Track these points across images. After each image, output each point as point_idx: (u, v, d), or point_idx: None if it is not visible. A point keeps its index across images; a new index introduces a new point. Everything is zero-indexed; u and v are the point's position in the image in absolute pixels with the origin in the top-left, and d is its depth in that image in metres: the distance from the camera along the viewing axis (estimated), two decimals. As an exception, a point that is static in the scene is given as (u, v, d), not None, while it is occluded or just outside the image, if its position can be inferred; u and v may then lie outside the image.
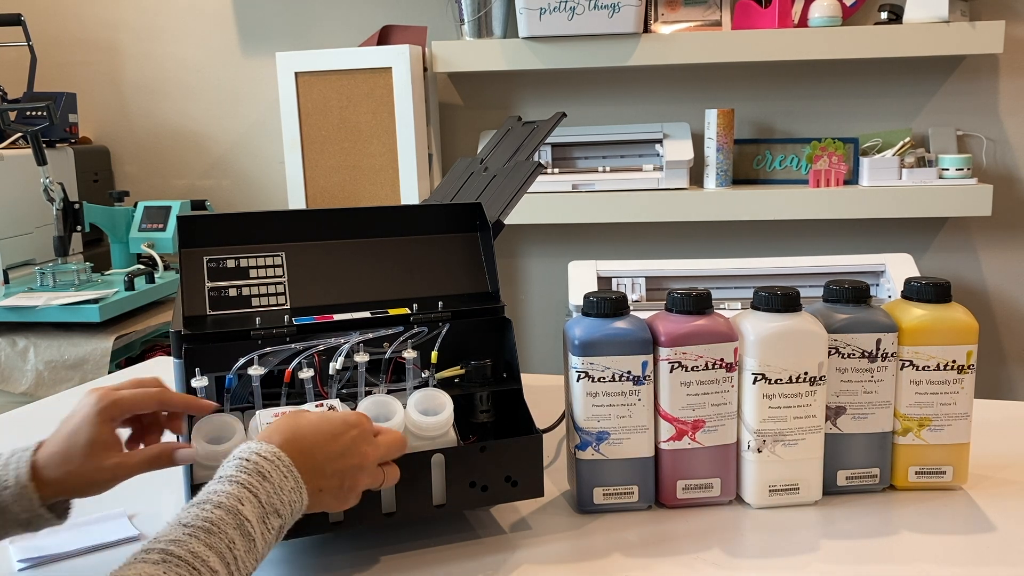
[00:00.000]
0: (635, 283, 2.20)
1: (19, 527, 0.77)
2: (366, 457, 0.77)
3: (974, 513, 0.95)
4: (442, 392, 0.90)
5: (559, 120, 1.17)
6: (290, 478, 0.72)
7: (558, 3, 2.29)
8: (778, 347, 0.93)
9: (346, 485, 0.77)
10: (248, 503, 0.68)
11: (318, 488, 0.75)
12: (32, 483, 0.76)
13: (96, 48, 2.86)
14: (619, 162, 2.49)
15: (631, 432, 0.94)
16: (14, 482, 0.76)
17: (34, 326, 2.18)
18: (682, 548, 0.88)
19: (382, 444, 0.80)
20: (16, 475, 0.76)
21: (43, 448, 0.78)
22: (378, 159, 2.45)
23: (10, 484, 0.76)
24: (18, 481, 0.76)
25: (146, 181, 2.92)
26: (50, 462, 0.77)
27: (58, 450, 0.77)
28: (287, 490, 0.71)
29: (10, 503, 0.76)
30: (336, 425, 0.77)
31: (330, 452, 0.75)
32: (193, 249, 0.94)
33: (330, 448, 0.75)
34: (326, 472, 0.75)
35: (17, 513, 0.76)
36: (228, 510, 0.67)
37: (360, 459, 0.77)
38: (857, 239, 2.55)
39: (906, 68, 2.47)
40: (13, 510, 0.76)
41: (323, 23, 2.72)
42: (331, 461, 0.75)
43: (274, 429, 0.75)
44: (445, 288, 0.99)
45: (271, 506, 0.69)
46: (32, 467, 0.77)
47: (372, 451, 0.78)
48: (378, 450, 0.79)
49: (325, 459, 0.75)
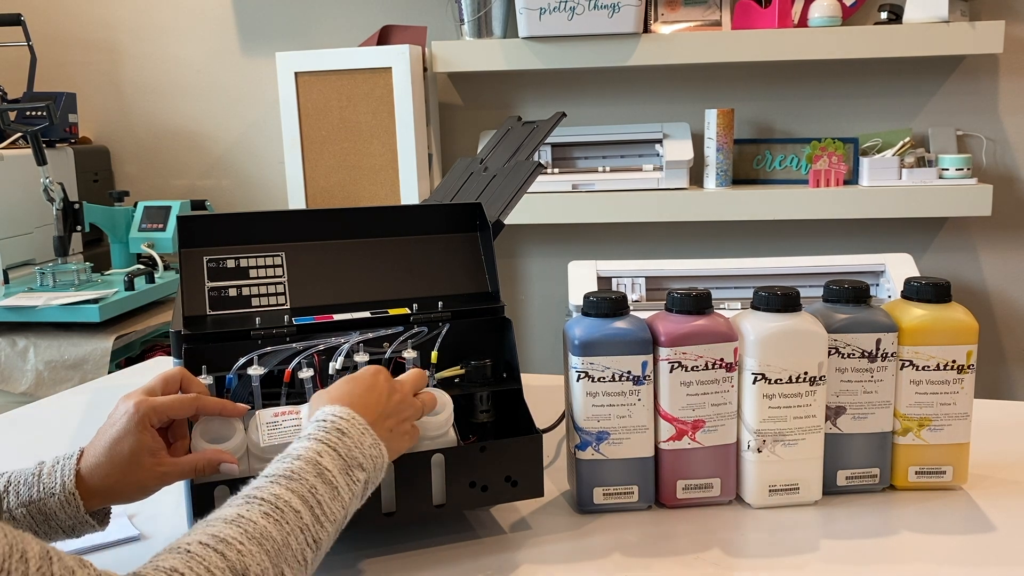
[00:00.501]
0: (635, 283, 2.20)
1: (63, 534, 0.78)
2: (404, 391, 0.82)
3: (974, 513, 0.95)
4: (442, 392, 0.90)
5: (559, 120, 1.17)
6: (367, 435, 0.75)
7: (558, 3, 2.29)
8: (778, 347, 0.93)
9: (404, 417, 0.81)
10: (327, 456, 0.71)
11: (389, 429, 0.79)
12: (78, 490, 0.77)
13: (96, 48, 2.86)
14: (619, 162, 2.49)
15: (631, 432, 0.94)
16: (60, 489, 0.76)
17: (34, 326, 2.18)
18: (682, 548, 0.88)
19: (408, 379, 0.84)
20: (62, 482, 0.77)
21: (85, 457, 0.78)
22: (378, 159, 2.45)
23: (56, 491, 0.76)
24: (64, 488, 0.76)
25: (146, 181, 2.92)
26: (95, 472, 0.77)
27: (102, 461, 0.77)
28: (367, 445, 0.74)
29: (56, 510, 0.76)
30: (368, 377, 0.81)
31: (379, 397, 0.79)
32: (193, 249, 0.94)
33: (377, 395, 0.79)
34: (387, 414, 0.79)
35: (63, 520, 0.77)
36: (307, 460, 0.70)
37: (400, 394, 0.81)
38: (857, 239, 2.55)
39: (906, 68, 2.47)
40: (59, 517, 0.76)
41: (323, 23, 2.72)
42: (383, 404, 0.79)
43: (330, 398, 0.78)
44: (445, 288, 0.99)
45: (353, 459, 0.72)
46: (77, 475, 0.77)
47: (404, 386, 0.83)
48: (406, 384, 0.83)
49: (379, 404, 0.79)
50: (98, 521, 0.80)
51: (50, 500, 0.76)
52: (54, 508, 0.76)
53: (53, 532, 0.77)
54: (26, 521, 0.76)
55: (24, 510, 0.76)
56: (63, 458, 0.79)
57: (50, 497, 0.76)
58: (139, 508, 0.99)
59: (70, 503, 0.76)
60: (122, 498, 0.79)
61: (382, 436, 0.77)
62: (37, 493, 0.76)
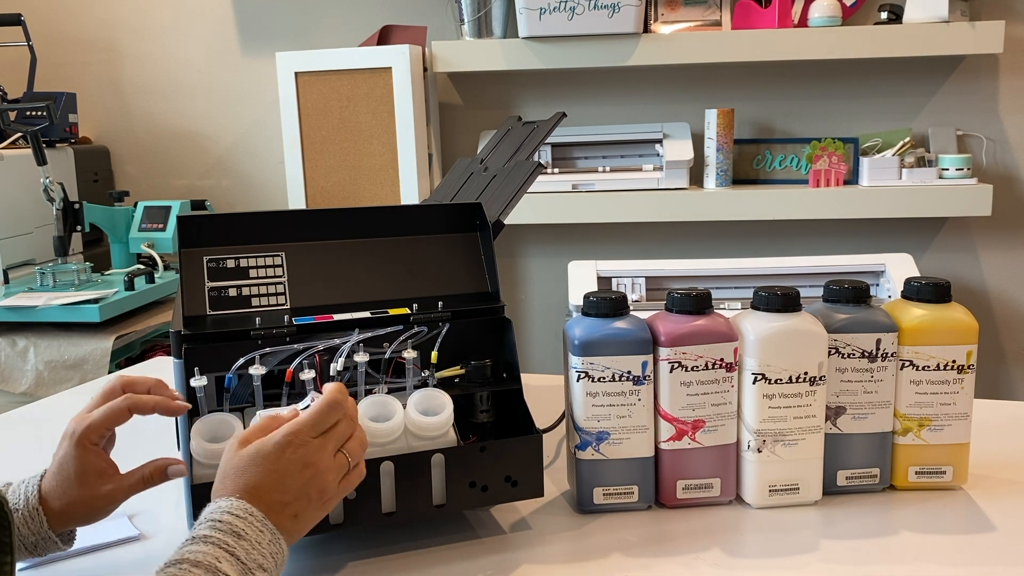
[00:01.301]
0: (635, 283, 2.20)
1: (26, 551, 0.79)
2: (317, 461, 0.74)
3: (974, 513, 0.95)
4: (442, 392, 0.90)
5: (559, 120, 1.17)
6: (266, 531, 0.70)
7: (558, 3, 2.29)
8: (778, 347, 0.93)
9: (312, 494, 0.74)
10: (226, 562, 0.66)
11: (292, 515, 0.73)
12: (41, 507, 0.78)
13: (96, 48, 2.86)
14: (619, 162, 2.49)
15: (631, 432, 0.94)
16: (24, 505, 0.78)
17: (34, 326, 2.18)
18: (682, 548, 0.88)
19: (331, 438, 0.76)
20: (26, 499, 0.78)
21: (47, 478, 0.81)
22: (378, 159, 2.45)
23: (20, 507, 0.78)
24: (28, 504, 0.78)
25: (146, 181, 2.92)
26: (52, 493, 0.79)
27: (55, 483, 0.80)
28: (266, 543, 0.70)
29: (20, 526, 0.77)
30: (272, 450, 0.73)
31: (281, 479, 0.73)
32: (193, 249, 0.94)
33: (278, 477, 0.73)
34: (289, 499, 0.73)
35: (26, 536, 0.78)
36: (207, 568, 0.65)
37: (312, 466, 0.74)
38: (857, 239, 2.55)
39: (906, 68, 2.47)
40: (23, 532, 0.77)
41: (323, 23, 2.72)
42: (288, 486, 0.73)
43: (224, 477, 0.73)
44: (445, 288, 0.99)
45: (253, 562, 0.68)
46: (39, 492, 0.79)
47: (320, 454, 0.75)
48: (323, 448, 0.75)
49: (283, 489, 0.73)
50: (62, 540, 0.81)
51: (14, 516, 0.77)
52: (18, 523, 0.77)
53: (17, 549, 0.77)
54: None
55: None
56: (29, 477, 0.81)
57: (13, 513, 0.77)
58: (139, 508, 0.99)
59: (33, 519, 0.77)
60: (80, 519, 0.81)
61: (284, 526, 0.72)
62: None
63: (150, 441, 1.20)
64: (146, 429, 1.21)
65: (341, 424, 0.77)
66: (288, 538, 0.73)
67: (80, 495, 0.79)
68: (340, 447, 0.77)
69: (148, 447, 1.18)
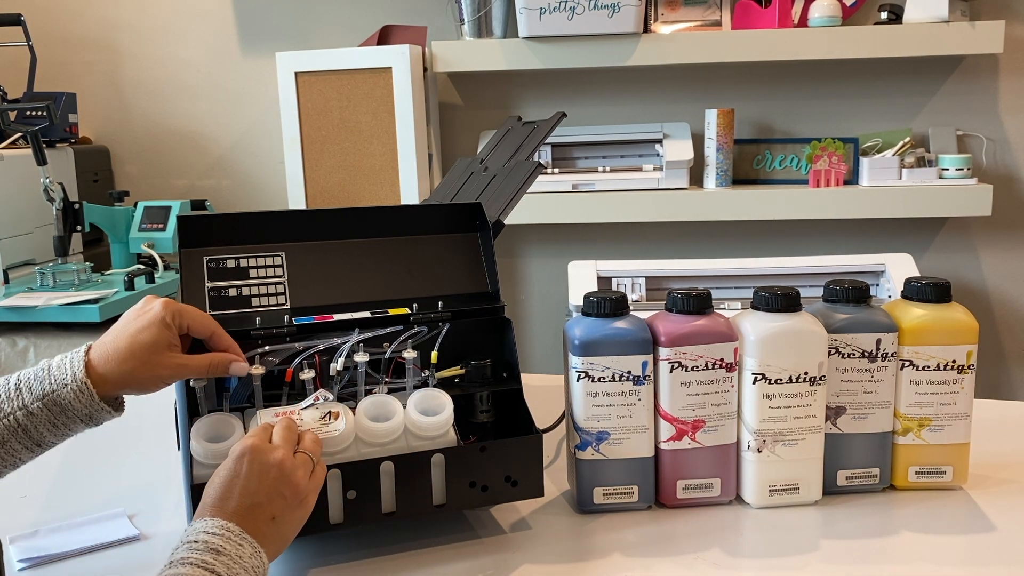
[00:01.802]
0: (635, 283, 2.20)
1: (81, 423, 0.80)
2: (280, 464, 0.76)
3: (974, 513, 0.95)
4: (442, 392, 0.90)
5: (559, 120, 1.17)
6: (246, 544, 0.70)
7: (558, 3, 2.29)
8: (778, 347, 0.93)
9: (286, 493, 0.75)
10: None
11: (270, 518, 0.74)
12: (88, 379, 0.79)
13: (96, 48, 2.86)
14: (619, 162, 2.49)
15: (631, 432, 0.94)
16: (71, 379, 0.79)
17: (34, 326, 2.18)
18: (682, 548, 0.88)
19: (281, 442, 0.78)
20: (73, 373, 0.79)
21: (97, 348, 0.81)
22: (378, 159, 2.45)
23: (68, 382, 0.79)
24: (75, 379, 0.79)
25: (146, 181, 2.92)
26: (111, 359, 0.80)
27: (122, 346, 0.80)
28: (247, 556, 0.70)
29: (71, 400, 0.78)
30: (231, 464, 0.76)
31: (248, 486, 0.74)
32: (193, 249, 0.94)
33: (243, 485, 0.74)
34: (261, 502, 0.74)
35: (78, 409, 0.79)
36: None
37: (276, 469, 0.75)
38: (857, 239, 2.55)
39: (906, 68, 2.47)
40: (75, 406, 0.79)
41: (323, 23, 2.72)
42: (256, 491, 0.74)
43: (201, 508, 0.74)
44: (445, 288, 0.99)
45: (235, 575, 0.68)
46: (87, 366, 0.79)
47: (278, 453, 0.76)
48: (279, 450, 0.77)
49: (251, 494, 0.74)
50: (113, 408, 0.82)
51: (63, 391, 0.78)
52: (68, 398, 0.78)
53: (71, 422, 0.79)
54: (43, 414, 0.78)
55: (40, 404, 0.78)
56: (71, 353, 0.82)
57: (63, 388, 0.78)
58: (139, 508, 0.99)
59: (83, 392, 0.78)
60: (136, 385, 0.81)
61: (262, 531, 0.73)
62: (50, 385, 0.79)
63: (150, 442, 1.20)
64: (146, 429, 1.21)
65: (281, 430, 0.80)
66: (272, 544, 0.74)
67: (148, 361, 0.80)
68: (295, 448, 0.79)
69: (148, 448, 1.18)
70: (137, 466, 1.13)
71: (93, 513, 0.98)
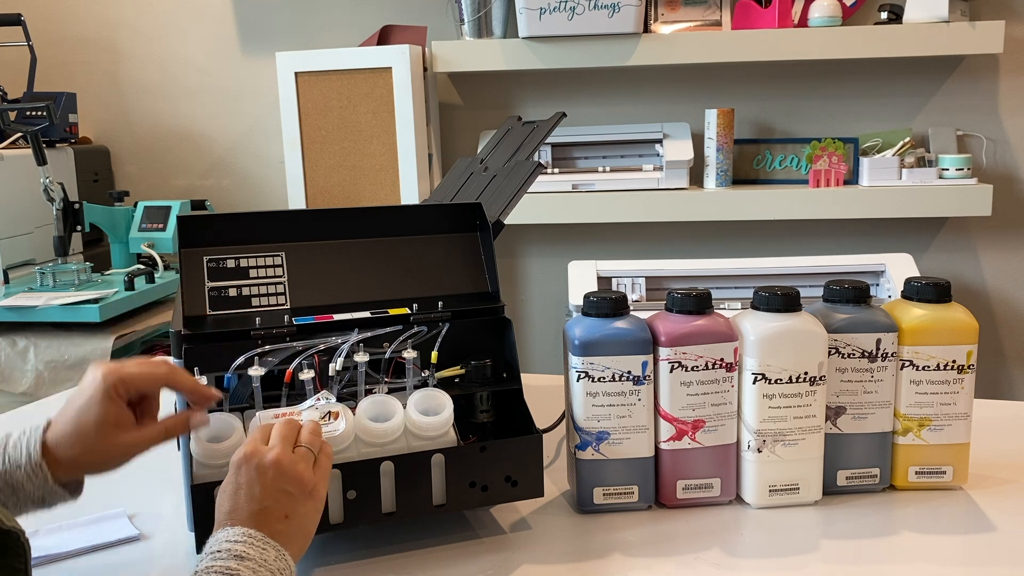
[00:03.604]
0: (635, 283, 2.20)
1: (33, 504, 0.78)
2: (277, 463, 0.74)
3: (974, 513, 0.95)
4: (442, 392, 0.90)
5: (559, 120, 1.17)
6: (269, 548, 0.70)
7: (558, 3, 2.29)
8: (778, 347, 0.93)
9: (291, 488, 0.74)
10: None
11: (283, 517, 0.73)
12: (44, 461, 0.76)
13: (96, 48, 2.86)
14: (619, 162, 2.49)
15: (631, 432, 0.94)
16: (26, 461, 0.76)
17: (34, 326, 2.18)
18: (682, 548, 0.88)
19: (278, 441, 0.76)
20: (28, 453, 0.76)
21: (53, 427, 0.78)
22: (378, 159, 2.45)
23: (22, 463, 0.76)
24: (31, 459, 0.76)
25: (146, 181, 2.92)
26: (62, 441, 0.76)
27: (69, 429, 0.77)
28: (272, 559, 0.69)
29: (23, 481, 0.76)
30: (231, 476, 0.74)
31: (252, 490, 0.73)
32: (193, 249, 0.94)
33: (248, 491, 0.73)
34: (269, 504, 0.73)
35: (31, 491, 0.76)
36: None
37: (274, 468, 0.73)
38: (857, 239, 2.55)
39: (906, 68, 2.47)
40: (27, 488, 0.76)
41: (323, 23, 2.72)
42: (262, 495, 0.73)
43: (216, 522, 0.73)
44: (445, 288, 0.99)
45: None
46: (43, 446, 0.76)
47: (273, 452, 0.74)
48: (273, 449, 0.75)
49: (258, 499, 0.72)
50: (70, 491, 0.79)
51: (16, 472, 0.75)
52: (21, 479, 0.75)
53: (23, 503, 0.77)
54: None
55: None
56: (30, 429, 0.78)
57: (16, 469, 0.76)
58: (139, 508, 0.99)
59: (37, 474, 0.75)
60: (90, 469, 0.78)
61: (280, 532, 0.72)
62: (3, 465, 0.76)
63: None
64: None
65: (277, 428, 0.77)
66: (295, 543, 0.73)
67: (96, 444, 0.76)
68: (295, 443, 0.77)
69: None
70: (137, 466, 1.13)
71: (93, 513, 0.98)
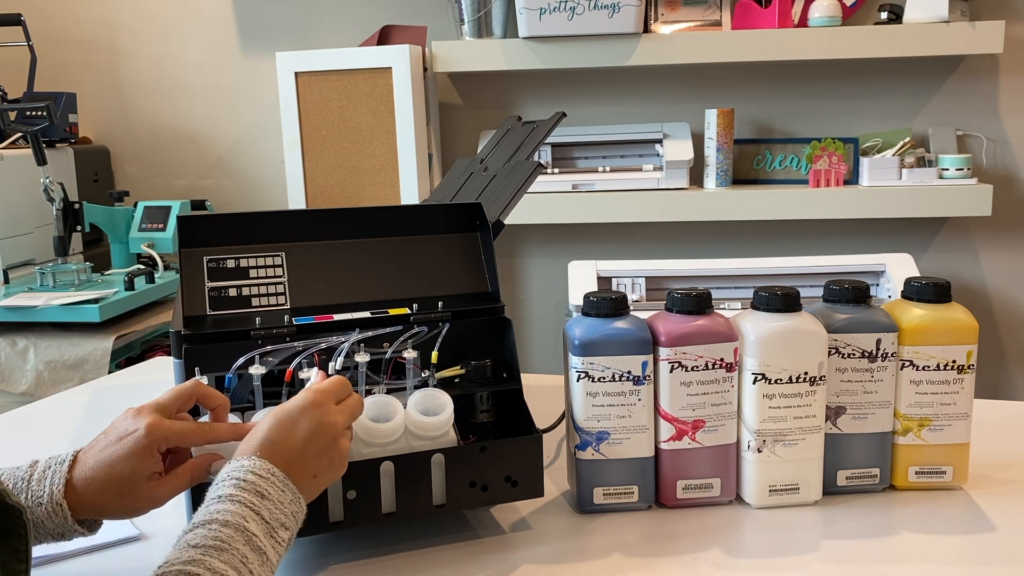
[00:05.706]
0: (635, 283, 2.20)
1: (51, 539, 0.77)
2: (335, 427, 0.78)
3: (974, 513, 0.95)
4: (442, 392, 0.90)
5: (559, 120, 1.17)
6: (287, 491, 0.72)
7: (558, 3, 2.29)
8: (778, 347, 0.93)
9: (332, 457, 0.77)
10: (253, 522, 0.69)
11: (312, 475, 0.76)
12: (66, 501, 0.75)
13: (96, 48, 2.86)
14: (619, 162, 2.49)
15: (631, 432, 0.94)
16: (48, 500, 0.75)
17: (34, 326, 2.18)
18: (682, 548, 0.88)
19: (346, 409, 0.80)
20: (50, 492, 0.75)
21: (80, 466, 0.76)
22: (378, 159, 2.45)
23: (44, 501, 0.75)
24: (52, 499, 0.75)
25: (146, 181, 2.92)
26: (90, 486, 0.76)
27: (100, 476, 0.76)
28: (287, 503, 0.72)
29: (44, 519, 0.75)
30: (294, 413, 0.77)
31: (304, 440, 0.76)
32: (193, 249, 0.94)
33: (301, 436, 0.76)
34: (309, 458, 0.76)
35: (50, 528, 0.76)
36: (236, 528, 0.67)
37: (330, 431, 0.77)
38: (857, 239, 2.55)
39: (906, 68, 2.47)
40: (47, 525, 0.76)
41: (323, 23, 2.72)
42: (308, 447, 0.76)
43: (249, 438, 0.76)
44: (445, 288, 0.99)
45: (276, 521, 0.70)
46: (67, 485, 0.76)
47: (338, 419, 0.78)
48: (342, 415, 0.79)
49: (303, 448, 0.75)
50: (87, 528, 0.79)
51: (37, 510, 0.75)
52: (41, 517, 0.75)
53: (41, 538, 0.76)
54: None
55: None
56: (55, 463, 0.77)
57: (38, 507, 0.75)
58: (139, 508, 0.99)
59: (57, 514, 0.75)
60: (113, 515, 0.79)
61: (303, 484, 0.74)
62: (25, 501, 0.75)
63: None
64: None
65: (351, 402, 0.81)
66: (306, 497, 0.75)
67: (124, 495, 0.76)
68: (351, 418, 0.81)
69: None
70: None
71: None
